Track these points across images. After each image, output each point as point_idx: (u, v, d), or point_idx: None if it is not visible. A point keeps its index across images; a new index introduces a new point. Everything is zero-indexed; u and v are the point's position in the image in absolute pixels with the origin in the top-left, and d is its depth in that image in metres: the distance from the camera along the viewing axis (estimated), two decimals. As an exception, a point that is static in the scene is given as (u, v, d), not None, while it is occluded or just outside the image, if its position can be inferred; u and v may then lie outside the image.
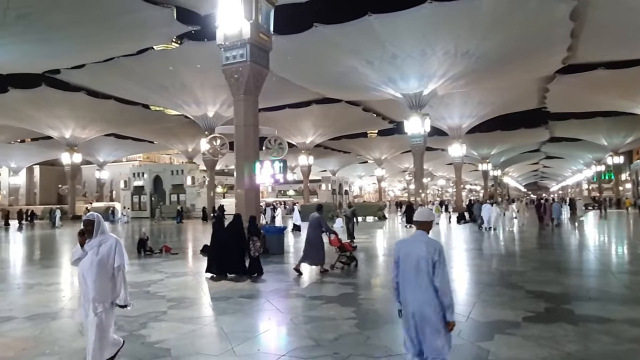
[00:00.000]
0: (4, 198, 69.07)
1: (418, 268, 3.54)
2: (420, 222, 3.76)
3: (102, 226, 4.28)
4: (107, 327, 4.20)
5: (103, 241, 4.24)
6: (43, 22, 22.04)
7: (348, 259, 11.00)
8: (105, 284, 4.16)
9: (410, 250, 3.64)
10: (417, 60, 28.27)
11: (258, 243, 10.43)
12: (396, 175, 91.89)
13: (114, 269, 4.20)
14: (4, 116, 40.63)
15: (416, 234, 3.75)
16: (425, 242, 3.61)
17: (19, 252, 18.21)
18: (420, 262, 3.53)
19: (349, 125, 50.89)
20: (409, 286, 3.60)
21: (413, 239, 3.73)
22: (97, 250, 4.18)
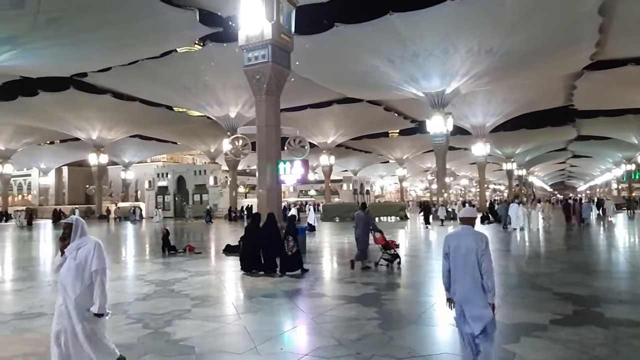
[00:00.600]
0: (35, 198, 71.21)
1: (467, 258, 3.96)
2: (466, 218, 4.23)
3: (81, 229, 4.05)
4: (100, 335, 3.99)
5: (81, 245, 4.00)
6: (72, 26, 22.63)
7: (391, 256, 11.11)
8: (84, 290, 3.91)
9: (460, 243, 4.05)
10: (440, 58, 27.97)
11: (292, 242, 10.57)
12: (418, 175, 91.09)
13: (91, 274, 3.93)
14: (34, 118, 41.96)
15: (463, 228, 4.18)
16: (472, 235, 4.07)
17: (47, 251, 18.74)
18: (469, 253, 3.95)
19: (370, 125, 50.69)
20: (458, 275, 4.02)
21: (461, 233, 4.15)
22: (75, 255, 3.95)
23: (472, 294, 3.92)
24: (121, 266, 12.92)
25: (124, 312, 7.00)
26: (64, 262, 4.00)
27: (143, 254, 16.19)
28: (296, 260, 10.55)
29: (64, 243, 4.06)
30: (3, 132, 47.92)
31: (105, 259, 4.04)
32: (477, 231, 4.13)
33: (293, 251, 10.56)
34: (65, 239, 4.07)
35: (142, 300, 7.87)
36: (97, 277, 3.95)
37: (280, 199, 16.05)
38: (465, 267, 3.96)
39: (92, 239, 4.10)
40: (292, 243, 10.57)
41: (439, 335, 5.96)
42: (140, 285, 9.44)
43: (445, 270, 4.18)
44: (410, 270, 11.12)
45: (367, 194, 75.67)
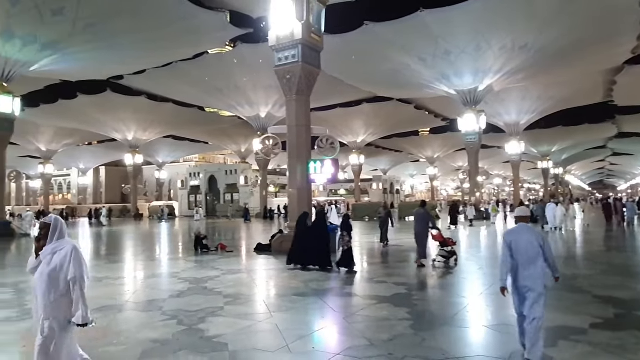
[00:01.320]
0: (74, 197, 73.91)
1: (527, 250, 4.61)
2: (521, 217, 4.97)
3: (60, 231, 3.64)
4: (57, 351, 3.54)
5: (58, 249, 3.59)
6: (108, 31, 23.36)
7: (448, 253, 11.19)
8: (58, 300, 3.51)
9: (519, 238, 4.70)
10: (472, 55, 27.44)
11: (347, 238, 10.82)
12: (449, 174, 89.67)
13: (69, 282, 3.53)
14: (73, 120, 43.58)
15: (520, 225, 4.87)
16: (529, 230, 4.79)
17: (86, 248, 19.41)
18: (529, 245, 4.61)
19: (400, 124, 50.22)
20: (520, 265, 4.63)
21: (519, 229, 4.83)
22: (50, 260, 3.55)
23: (532, 280, 4.56)
24: (155, 264, 13.25)
25: (159, 309, 7.18)
26: (38, 266, 3.60)
27: (176, 252, 16.55)
28: (350, 256, 10.79)
29: (39, 244, 3.66)
30: (45, 134, 49.95)
31: (84, 266, 3.61)
32: (531, 227, 4.85)
33: (349, 246, 10.82)
34: (40, 240, 3.67)
35: (177, 298, 8.05)
36: (75, 286, 3.53)
37: (311, 199, 16.09)
38: (526, 257, 4.59)
39: (70, 242, 3.67)
40: (348, 239, 10.86)
41: (473, 337, 5.85)
42: (175, 282, 9.65)
43: (503, 261, 4.73)
44: (441, 271, 10.96)
45: (397, 194, 74.95)
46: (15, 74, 23.80)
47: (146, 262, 13.54)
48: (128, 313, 7.17)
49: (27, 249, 18.60)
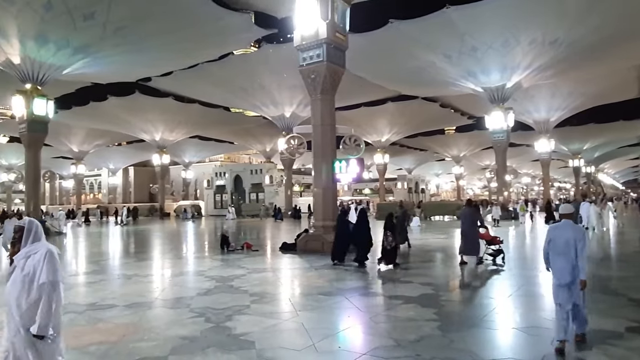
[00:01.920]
0: (104, 196, 75.89)
1: (566, 245, 4.99)
2: (565, 214, 5.28)
3: (34, 234, 3.40)
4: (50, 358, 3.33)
5: (32, 252, 3.34)
6: (137, 34, 23.89)
7: (496, 251, 11.21)
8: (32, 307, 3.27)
9: (561, 233, 5.10)
10: (499, 51, 26.89)
11: (390, 237, 11.11)
12: (475, 173, 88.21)
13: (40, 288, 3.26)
14: (104, 121, 44.79)
15: (563, 222, 5.24)
16: (571, 227, 5.15)
17: (114, 246, 19.89)
18: (569, 241, 4.98)
19: (425, 122, 49.69)
20: (558, 258, 5.06)
21: (562, 225, 5.22)
22: (24, 264, 3.32)
23: (568, 273, 4.94)
24: (182, 262, 13.47)
25: (187, 306, 7.29)
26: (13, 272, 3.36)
27: (202, 251, 16.78)
28: (394, 254, 11.09)
29: (14, 249, 3.42)
30: (77, 135, 51.47)
31: (58, 270, 3.37)
32: (575, 225, 5.23)
33: (392, 245, 11.07)
34: (15, 245, 3.43)
35: (204, 295, 8.16)
36: (43, 293, 3.27)
37: (336, 198, 16.09)
38: (564, 251, 5.00)
39: (45, 245, 3.43)
40: (391, 238, 11.12)
41: (502, 339, 5.73)
42: (202, 280, 9.79)
43: (545, 253, 5.27)
44: (467, 272, 10.78)
45: (422, 193, 74.10)
46: (49, 78, 24.57)
47: (173, 260, 13.78)
48: (157, 310, 7.31)
49: (59, 246, 19.19)
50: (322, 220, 14.78)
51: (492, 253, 11.23)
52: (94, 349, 5.28)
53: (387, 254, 11.04)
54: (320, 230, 14.67)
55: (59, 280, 3.36)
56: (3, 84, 27.48)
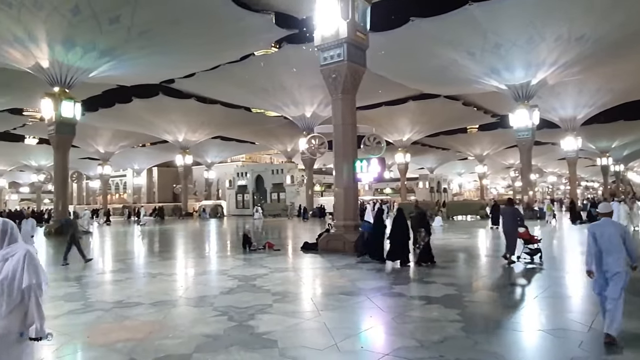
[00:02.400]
0: (129, 196, 77.45)
1: (611, 241, 5.24)
2: (604, 212, 5.57)
3: (10, 235, 3.23)
4: None
5: (9, 254, 3.18)
6: (160, 37, 24.30)
7: (533, 250, 11.27)
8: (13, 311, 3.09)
9: (604, 230, 5.33)
10: (524, 48, 26.38)
11: (423, 234, 11.41)
12: (499, 172, 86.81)
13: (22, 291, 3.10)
14: (129, 123, 45.74)
15: (604, 219, 5.50)
16: (613, 224, 5.48)
17: (139, 245, 20.27)
18: (612, 237, 5.25)
19: (447, 121, 49.10)
20: (603, 253, 5.26)
21: (604, 223, 5.46)
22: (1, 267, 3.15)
23: (615, 266, 5.19)
24: (205, 261, 13.64)
25: (211, 305, 7.39)
26: None
27: (225, 250, 16.96)
28: (429, 251, 11.31)
29: None
30: (103, 136, 52.66)
31: (41, 272, 3.21)
32: (615, 221, 5.62)
33: (425, 241, 11.34)
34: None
35: (227, 294, 8.25)
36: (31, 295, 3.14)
37: (357, 197, 16.06)
38: (609, 247, 5.23)
39: (23, 246, 3.27)
40: (424, 235, 11.40)
41: (528, 341, 5.63)
42: (224, 279, 9.89)
43: (589, 249, 5.39)
44: (491, 272, 10.63)
45: (444, 192, 73.44)
46: (76, 81, 25.21)
47: (196, 259, 13.96)
48: (181, 308, 7.42)
49: (87, 245, 19.66)
50: (343, 220, 14.77)
51: (530, 252, 11.26)
52: (121, 346, 5.40)
53: (422, 252, 11.32)
54: (342, 229, 14.67)
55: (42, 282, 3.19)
56: (32, 87, 28.30)
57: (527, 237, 11.46)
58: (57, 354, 5.29)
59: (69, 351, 5.44)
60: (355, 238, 14.05)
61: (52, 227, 25.20)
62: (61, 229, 24.35)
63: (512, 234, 11.19)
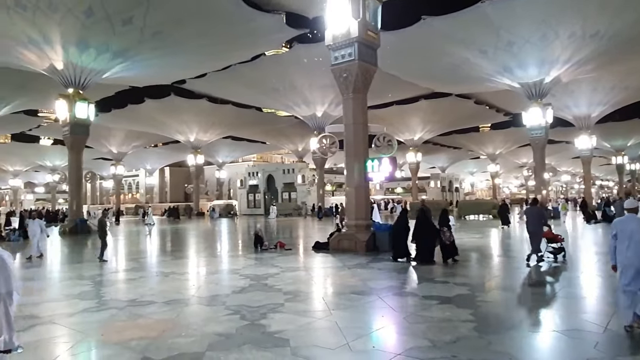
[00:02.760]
0: (142, 196, 78.18)
1: (631, 236, 5.40)
2: (630, 208, 5.77)
3: None
4: None
5: None
6: (172, 37, 24.50)
7: (557, 249, 11.29)
8: None
9: (626, 226, 5.53)
10: (537, 46, 26.07)
11: (448, 233, 11.53)
12: (512, 171, 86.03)
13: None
14: (141, 124, 46.21)
15: (628, 215, 5.71)
16: (636, 219, 5.59)
17: (153, 244, 20.45)
18: (634, 233, 5.40)
19: (459, 120, 48.77)
20: (624, 248, 5.47)
21: (627, 219, 5.67)
22: None
23: (633, 261, 5.35)
24: (217, 260, 13.72)
25: (223, 304, 7.43)
26: None
27: (236, 250, 17.04)
28: (454, 249, 11.51)
29: None
30: (116, 137, 53.26)
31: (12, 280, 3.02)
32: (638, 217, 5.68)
33: (451, 240, 11.48)
34: None
35: (239, 293, 8.29)
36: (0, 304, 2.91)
37: (368, 197, 16.01)
38: (630, 242, 5.41)
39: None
40: (449, 234, 11.53)
41: (542, 342, 5.56)
42: (236, 279, 9.94)
43: (612, 246, 5.69)
44: (505, 272, 10.54)
45: (456, 192, 72.91)
46: (89, 82, 25.53)
47: (208, 259, 14.05)
48: (194, 307, 7.47)
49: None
50: (355, 220, 14.75)
51: (553, 251, 11.24)
52: (134, 343, 5.45)
53: (446, 249, 11.44)
54: (353, 229, 14.65)
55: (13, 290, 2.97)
56: (47, 88, 28.72)
57: (550, 236, 11.44)
58: (72, 351, 5.37)
59: (83, 349, 5.51)
60: (366, 237, 14.04)
61: (67, 226, 25.56)
62: (76, 228, 24.78)
63: (538, 234, 11.03)
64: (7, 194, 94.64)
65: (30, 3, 20.14)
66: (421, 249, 11.61)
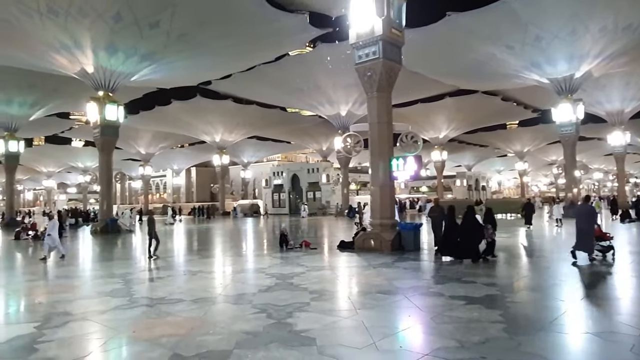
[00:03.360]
0: (169, 196, 79.67)
1: None
2: None
3: None
4: None
5: None
6: (198, 39, 24.88)
7: (605, 248, 11.19)
8: None
9: None
10: (566, 40, 25.40)
11: (491, 230, 11.74)
12: (541, 169, 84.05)
13: None
14: (168, 125, 47.11)
15: None
16: None
17: (181, 244, 20.80)
18: None
19: (485, 117, 47.97)
20: None
21: None
22: None
23: None
24: (243, 259, 13.86)
25: (249, 302, 7.50)
26: None
27: (262, 249, 17.17)
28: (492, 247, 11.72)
29: None
30: (144, 138, 54.46)
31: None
32: None
33: (493, 238, 11.68)
34: None
35: (265, 292, 8.35)
36: None
37: (393, 196, 15.90)
38: None
39: None
40: (492, 231, 11.72)
41: (574, 344, 5.43)
42: (262, 277, 10.02)
43: None
44: (535, 272, 10.31)
45: (482, 190, 71.65)
46: (118, 84, 26.15)
47: (234, 258, 14.20)
48: (221, 305, 7.57)
49: (130, 243, 20.40)
50: (380, 219, 14.67)
51: (602, 249, 11.11)
52: (164, 340, 5.57)
53: (487, 247, 11.62)
54: (378, 228, 14.58)
55: None
56: (78, 92, 29.58)
57: (599, 234, 11.26)
58: (104, 347, 5.52)
59: (116, 345, 5.66)
60: (392, 237, 13.95)
61: (98, 226, 26.25)
62: (106, 227, 25.42)
63: (589, 233, 10.80)
64: (41, 194, 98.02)
65: (62, 9, 20.76)
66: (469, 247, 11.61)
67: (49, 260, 13.66)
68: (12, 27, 21.47)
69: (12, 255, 16.44)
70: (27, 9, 20.40)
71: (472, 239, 11.63)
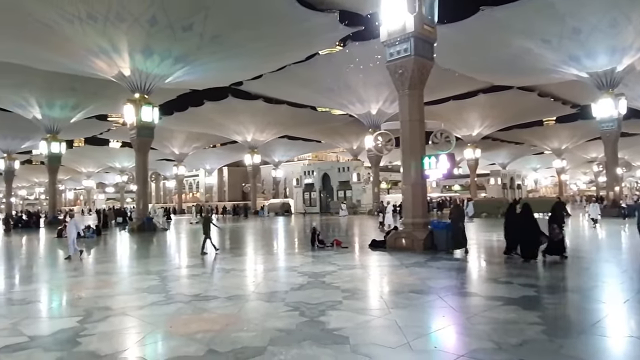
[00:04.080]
0: (202, 195, 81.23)
1: None
2: None
3: None
4: None
5: None
6: (230, 41, 25.26)
7: None
8: None
9: None
10: (606, 32, 24.43)
11: (557, 230, 11.39)
12: (580, 167, 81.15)
13: None
14: (201, 125, 48.03)
15: None
16: None
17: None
18: None
19: (521, 114, 46.72)
20: None
21: None
22: None
23: None
24: (275, 258, 13.97)
25: (282, 300, 7.56)
26: None
27: (293, 247, 17.26)
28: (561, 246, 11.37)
29: None
30: (177, 139, 55.74)
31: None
32: None
33: (559, 237, 11.34)
34: None
35: (297, 290, 8.40)
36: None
37: (426, 194, 15.68)
38: None
39: None
40: (558, 230, 11.36)
41: (617, 348, 5.20)
42: (294, 276, 10.07)
43: None
44: (575, 273, 9.97)
45: (518, 189, 69.81)
46: (154, 87, 26.85)
47: (266, 256, 14.33)
48: (254, 303, 7.66)
49: (165, 242, 20.89)
50: (412, 218, 14.50)
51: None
52: (200, 336, 5.68)
53: (555, 246, 11.33)
54: (410, 227, 14.42)
55: None
56: (115, 94, 30.56)
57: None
58: (142, 342, 5.67)
59: (152, 340, 5.81)
60: (424, 236, 13.77)
61: (134, 224, 27.02)
62: (143, 226, 26.14)
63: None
64: (81, 193, 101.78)
65: (101, 15, 21.48)
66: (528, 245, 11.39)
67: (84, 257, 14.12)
68: (54, 32, 22.37)
69: (55, 252, 17.12)
70: (68, 15, 21.22)
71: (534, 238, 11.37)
